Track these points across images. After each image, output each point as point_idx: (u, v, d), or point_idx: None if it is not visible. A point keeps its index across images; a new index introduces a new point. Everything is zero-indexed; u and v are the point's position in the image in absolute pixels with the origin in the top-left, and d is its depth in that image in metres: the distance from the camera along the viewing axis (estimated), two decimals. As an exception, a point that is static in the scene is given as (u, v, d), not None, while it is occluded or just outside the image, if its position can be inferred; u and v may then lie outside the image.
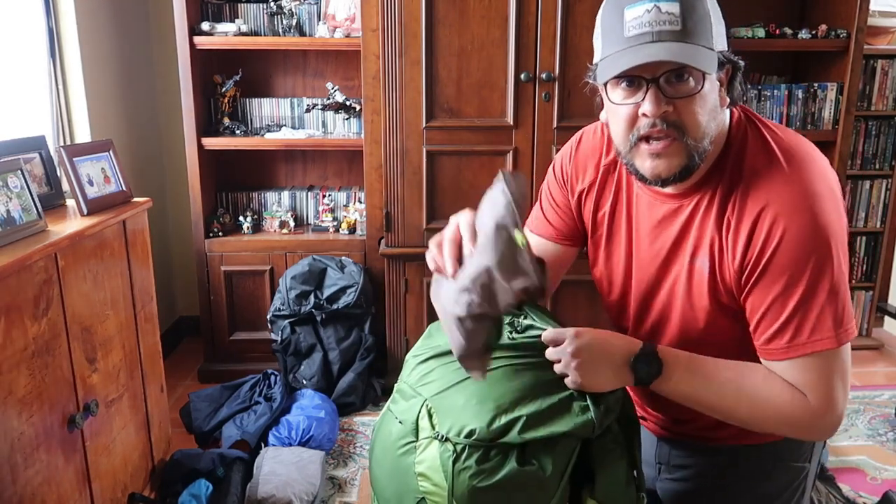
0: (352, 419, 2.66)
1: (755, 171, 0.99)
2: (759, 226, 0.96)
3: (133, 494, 1.91)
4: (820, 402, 0.98)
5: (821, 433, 1.03)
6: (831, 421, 1.00)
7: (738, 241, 0.99)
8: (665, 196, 1.08)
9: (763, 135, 1.03)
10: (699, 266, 1.05)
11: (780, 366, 1.00)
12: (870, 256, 3.38)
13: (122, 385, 1.87)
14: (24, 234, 1.52)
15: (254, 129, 3.01)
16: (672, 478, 1.25)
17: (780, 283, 0.96)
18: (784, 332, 0.97)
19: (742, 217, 0.98)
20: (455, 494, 0.93)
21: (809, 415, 0.99)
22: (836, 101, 3.03)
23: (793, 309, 0.96)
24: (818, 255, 0.95)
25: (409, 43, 2.45)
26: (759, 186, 0.98)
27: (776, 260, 0.95)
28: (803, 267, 0.95)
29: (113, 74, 2.75)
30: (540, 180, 2.59)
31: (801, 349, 0.97)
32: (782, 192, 0.96)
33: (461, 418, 0.95)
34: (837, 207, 0.97)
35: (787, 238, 0.94)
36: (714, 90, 0.97)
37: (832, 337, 0.96)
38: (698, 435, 1.20)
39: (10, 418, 1.37)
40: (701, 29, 0.92)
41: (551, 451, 0.95)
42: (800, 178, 0.96)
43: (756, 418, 1.02)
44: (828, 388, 0.98)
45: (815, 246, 0.94)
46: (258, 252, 2.88)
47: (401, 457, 1.00)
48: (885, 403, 2.79)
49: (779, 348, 0.98)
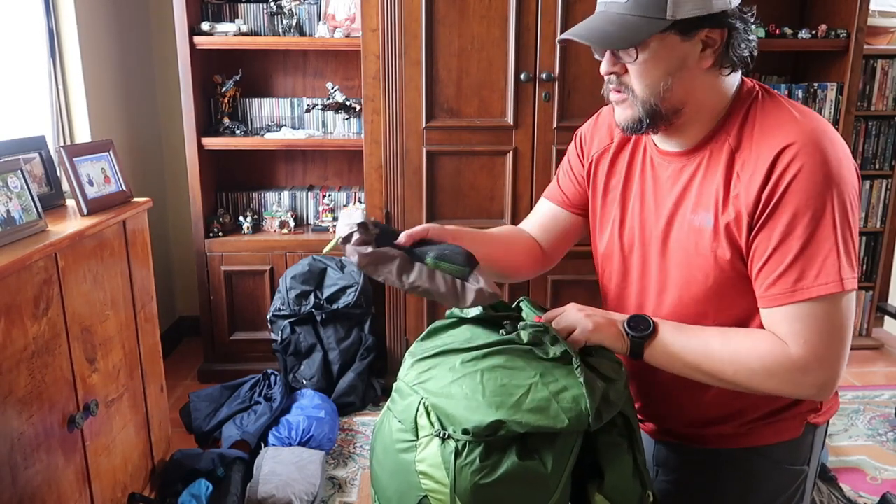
0: (352, 419, 2.66)
1: (769, 122, 1.02)
2: (779, 162, 0.97)
3: (133, 494, 1.90)
4: (810, 355, 0.98)
5: (812, 389, 1.01)
6: (823, 378, 0.99)
7: (752, 183, 0.99)
8: (671, 156, 1.11)
9: (777, 98, 1.06)
10: (699, 223, 1.07)
11: (779, 313, 0.99)
12: (870, 256, 3.38)
13: (122, 385, 1.87)
14: (24, 234, 1.52)
15: (254, 129, 3.01)
16: (669, 480, 1.25)
17: (790, 219, 0.96)
18: (789, 273, 0.97)
19: (758, 159, 0.99)
20: (457, 491, 0.93)
21: (793, 366, 0.98)
22: (836, 101, 3.03)
23: (800, 247, 0.96)
24: (831, 195, 0.95)
25: (409, 43, 2.45)
26: (775, 133, 1.00)
27: (789, 195, 0.96)
28: (815, 204, 0.95)
29: (113, 74, 2.75)
30: (540, 180, 2.61)
31: (805, 292, 0.96)
32: (800, 133, 0.98)
33: (460, 414, 0.95)
34: (849, 156, 1.00)
35: (803, 173, 0.96)
36: (677, 54, 1.01)
37: (837, 281, 0.95)
38: (688, 434, 1.21)
39: (10, 418, 1.37)
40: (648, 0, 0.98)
41: (552, 446, 0.95)
42: (815, 125, 0.99)
43: (743, 374, 1.02)
44: (822, 341, 0.97)
45: (828, 185, 0.95)
46: (258, 252, 2.88)
47: (402, 456, 1.00)
48: (885, 403, 2.79)
49: (783, 291, 0.98)
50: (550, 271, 2.81)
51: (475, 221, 2.62)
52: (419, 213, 2.60)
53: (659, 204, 1.13)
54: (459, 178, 2.59)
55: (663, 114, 1.04)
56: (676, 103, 1.04)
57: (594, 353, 1.07)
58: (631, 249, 1.20)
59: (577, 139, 1.31)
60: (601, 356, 1.06)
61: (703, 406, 1.17)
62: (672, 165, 1.11)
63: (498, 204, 2.62)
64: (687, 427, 1.21)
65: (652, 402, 1.25)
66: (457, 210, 2.62)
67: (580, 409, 0.96)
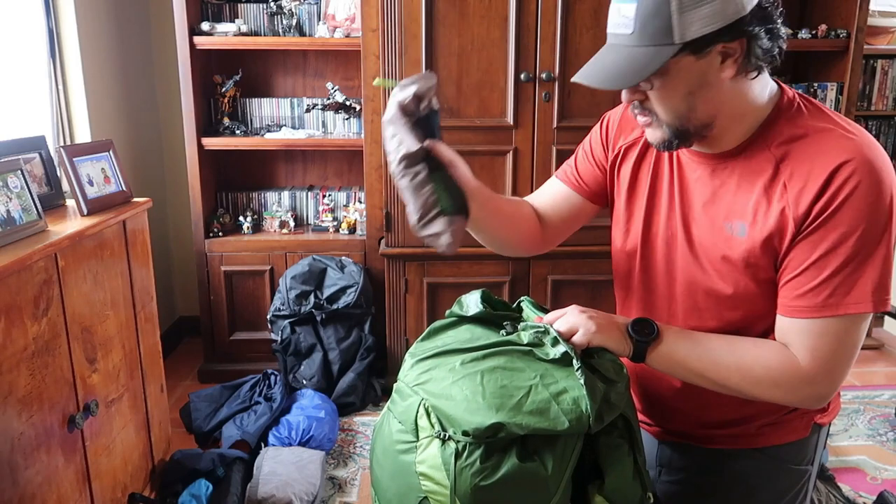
0: (352, 419, 2.66)
1: (823, 136, 0.98)
2: (836, 177, 0.94)
3: (133, 494, 1.90)
4: (818, 369, 0.98)
5: (812, 400, 1.02)
6: (826, 389, 0.99)
7: (804, 195, 0.96)
8: (702, 158, 1.08)
9: (823, 110, 1.03)
10: (732, 231, 1.04)
11: (800, 324, 0.98)
12: (870, 256, 3.38)
13: (122, 385, 1.87)
14: (24, 235, 1.52)
15: (254, 129, 3.01)
16: (672, 480, 1.25)
17: (838, 235, 0.94)
18: (822, 288, 0.96)
19: (811, 172, 0.96)
20: (457, 493, 0.93)
21: (800, 378, 0.98)
22: (836, 100, 3.03)
23: (841, 264, 0.94)
24: (883, 218, 0.94)
25: (409, 43, 2.45)
26: (831, 147, 0.96)
27: (843, 211, 0.94)
28: (867, 224, 0.93)
29: (113, 74, 2.75)
30: (540, 180, 2.60)
31: (833, 309, 0.95)
32: (857, 151, 0.95)
33: (460, 416, 0.95)
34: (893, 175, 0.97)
35: (859, 191, 0.93)
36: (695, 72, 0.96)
37: (868, 301, 0.94)
38: (697, 434, 1.20)
39: (10, 418, 1.37)
40: (654, 28, 0.93)
41: (552, 447, 0.95)
42: (870, 142, 0.97)
43: (748, 381, 1.02)
44: (835, 356, 0.97)
45: (881, 207, 0.94)
46: (258, 252, 2.88)
47: (402, 457, 1.00)
48: (885, 403, 2.79)
49: (811, 305, 0.96)
50: (550, 271, 2.80)
51: (475, 221, 2.62)
52: (419, 213, 2.60)
53: (686, 205, 1.11)
54: (459, 178, 2.59)
55: (692, 131, 1.02)
56: (705, 119, 1.01)
57: (595, 354, 1.06)
58: (655, 248, 1.17)
59: (604, 124, 1.26)
60: (602, 357, 1.06)
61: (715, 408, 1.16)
62: (701, 168, 1.09)
63: (498, 204, 2.62)
64: (698, 428, 1.20)
65: (659, 402, 1.24)
66: (457, 210, 2.61)
67: (581, 411, 0.95)
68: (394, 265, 2.66)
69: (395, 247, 2.64)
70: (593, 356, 1.06)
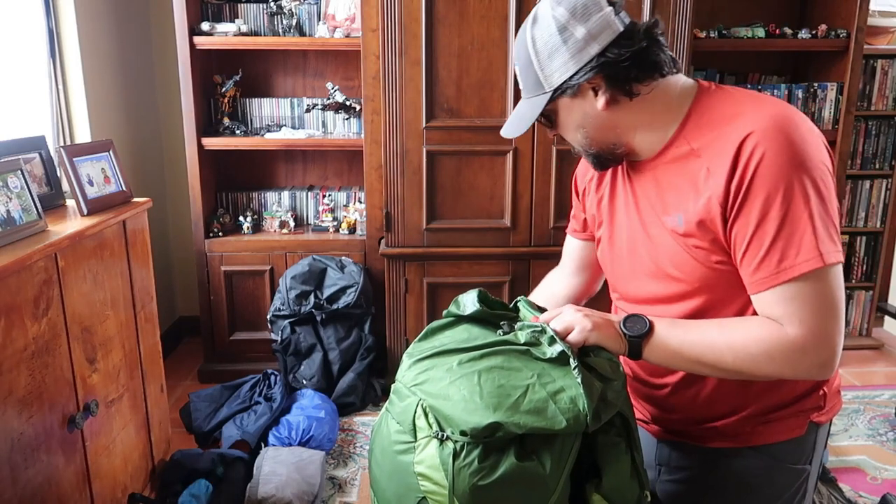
0: (352, 419, 2.66)
1: (726, 115, 1.05)
2: (742, 151, 1.00)
3: (133, 494, 1.91)
4: (806, 334, 0.98)
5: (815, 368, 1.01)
6: (823, 355, 0.99)
7: (720, 176, 1.02)
8: (640, 165, 1.17)
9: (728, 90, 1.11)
10: (672, 224, 1.10)
11: (769, 296, 1.00)
12: (870, 256, 3.38)
13: (122, 385, 1.87)
14: (24, 235, 1.52)
15: (254, 129, 3.01)
16: (672, 479, 1.25)
17: (762, 203, 0.99)
18: (771, 256, 0.99)
19: (722, 153, 1.02)
20: (456, 493, 0.93)
21: (792, 347, 0.99)
22: (836, 100, 3.03)
23: (777, 229, 0.98)
24: (798, 174, 0.97)
25: (409, 43, 2.45)
26: (734, 124, 1.03)
27: (757, 180, 0.99)
28: (784, 185, 0.97)
29: (113, 74, 2.75)
30: (540, 180, 2.61)
31: (788, 272, 0.98)
32: (759, 120, 1.01)
33: (458, 416, 0.95)
34: (814, 133, 1.02)
35: (767, 157, 0.98)
36: (576, 109, 1.11)
37: (817, 257, 0.96)
38: (692, 432, 1.21)
39: (10, 418, 1.37)
40: (530, 82, 1.12)
41: (550, 446, 0.95)
42: (774, 110, 1.02)
43: (743, 359, 1.02)
44: (815, 317, 0.98)
45: (794, 165, 0.98)
46: (258, 252, 2.88)
47: (400, 457, 1.00)
48: (885, 403, 2.79)
49: (768, 274, 0.99)
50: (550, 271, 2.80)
51: (475, 221, 2.62)
52: (419, 213, 2.60)
53: (639, 210, 1.18)
54: (459, 178, 2.59)
55: (604, 154, 1.16)
56: (607, 143, 1.14)
57: (591, 352, 1.07)
58: (622, 254, 1.24)
59: (573, 179, 1.41)
60: (598, 356, 1.06)
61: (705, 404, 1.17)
62: (643, 175, 1.17)
63: (498, 204, 2.62)
64: (692, 425, 1.21)
65: (651, 399, 1.25)
66: (457, 210, 2.62)
67: (578, 409, 0.96)
68: (394, 265, 2.66)
69: (394, 247, 2.64)
70: (589, 355, 1.06)
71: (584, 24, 1.04)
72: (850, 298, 3.41)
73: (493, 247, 2.65)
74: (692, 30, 2.52)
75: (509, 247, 2.65)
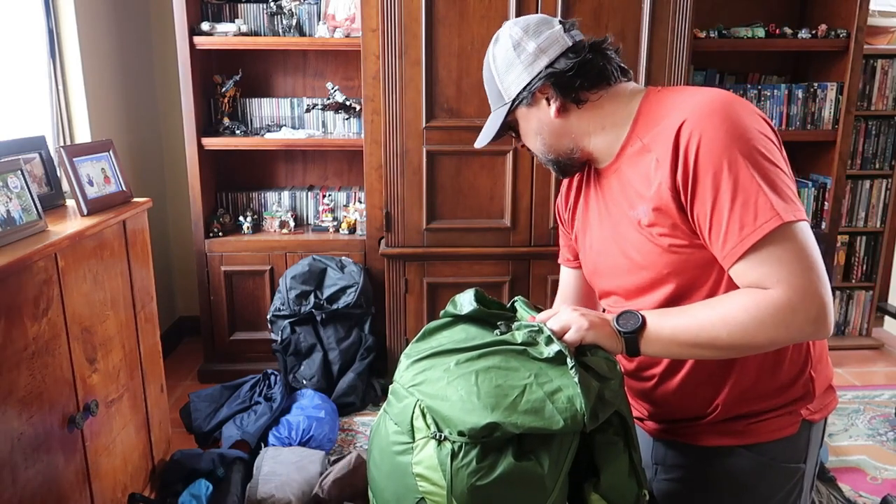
0: (352, 419, 2.66)
1: (664, 110, 1.12)
2: (680, 140, 1.05)
3: (133, 494, 1.91)
4: (788, 290, 0.98)
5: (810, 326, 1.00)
6: (813, 311, 0.99)
7: (666, 167, 1.07)
8: (603, 169, 1.22)
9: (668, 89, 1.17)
10: (636, 216, 1.14)
11: (743, 265, 1.02)
12: (870, 256, 3.38)
13: (122, 385, 1.87)
14: (24, 235, 1.52)
15: (254, 129, 3.01)
16: (668, 478, 1.25)
17: (711, 181, 1.02)
18: (732, 226, 1.01)
19: (665, 145, 1.07)
20: (454, 493, 0.93)
21: (779, 307, 0.99)
22: (836, 100, 3.03)
23: (731, 201, 1.01)
24: (738, 145, 1.01)
25: (409, 43, 2.45)
26: (671, 116, 1.09)
27: (700, 162, 1.02)
28: (727, 159, 1.01)
29: (113, 74, 2.75)
30: (540, 180, 2.61)
31: (752, 237, 0.99)
32: (692, 108, 1.06)
33: (456, 416, 0.95)
34: (748, 107, 1.07)
35: (704, 139, 1.02)
36: (532, 117, 1.21)
37: (776, 216, 0.98)
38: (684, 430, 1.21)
39: (10, 418, 1.37)
40: (493, 95, 1.25)
41: (548, 446, 0.95)
42: (706, 96, 1.08)
43: (737, 332, 1.02)
44: (794, 273, 0.98)
45: (731, 138, 1.02)
46: (258, 252, 2.88)
47: (398, 458, 1.00)
48: (885, 403, 2.79)
49: (736, 244, 1.01)
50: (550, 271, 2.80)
51: (475, 221, 2.62)
52: (419, 212, 2.60)
53: (610, 211, 1.22)
54: (459, 178, 2.59)
55: (564, 160, 1.24)
56: (564, 149, 1.22)
57: (588, 352, 1.07)
58: (599, 258, 1.27)
59: (556, 210, 1.47)
60: (595, 355, 1.06)
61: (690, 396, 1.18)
62: (608, 178, 1.22)
63: (498, 204, 2.62)
64: (680, 419, 1.21)
65: (643, 395, 1.26)
66: (457, 210, 2.62)
67: (575, 409, 0.96)
68: (394, 265, 2.66)
69: (394, 247, 2.64)
70: (587, 354, 1.06)
71: (535, 40, 1.17)
72: (851, 298, 3.41)
73: (493, 247, 2.65)
74: (692, 30, 2.52)
75: (509, 247, 2.65)
